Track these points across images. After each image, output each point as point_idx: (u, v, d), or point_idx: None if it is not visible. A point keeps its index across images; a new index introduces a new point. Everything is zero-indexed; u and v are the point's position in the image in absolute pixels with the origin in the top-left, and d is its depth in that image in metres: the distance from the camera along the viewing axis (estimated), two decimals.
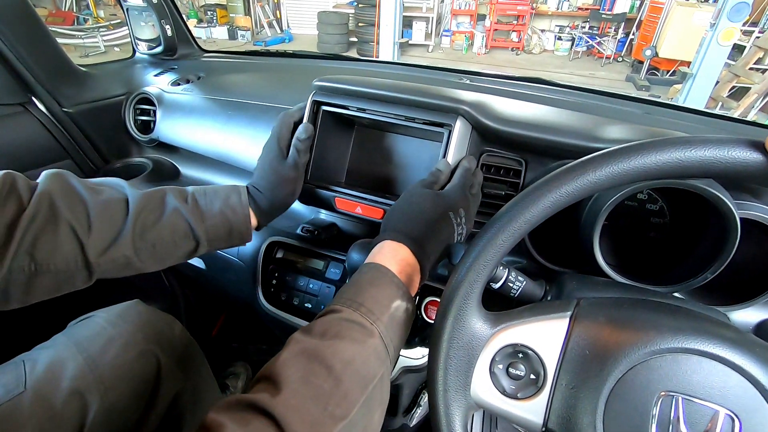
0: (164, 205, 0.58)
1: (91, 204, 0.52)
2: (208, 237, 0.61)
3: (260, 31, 8.43)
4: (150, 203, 0.57)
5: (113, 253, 0.53)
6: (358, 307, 0.43)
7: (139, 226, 0.55)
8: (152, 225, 0.56)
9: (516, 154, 0.70)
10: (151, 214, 0.57)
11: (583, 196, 0.38)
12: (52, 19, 6.63)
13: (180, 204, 0.59)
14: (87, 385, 0.61)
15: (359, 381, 0.38)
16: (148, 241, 0.56)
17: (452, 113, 0.66)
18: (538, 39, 8.18)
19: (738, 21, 3.94)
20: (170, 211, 0.58)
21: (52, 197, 0.50)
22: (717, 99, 4.87)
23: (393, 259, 0.49)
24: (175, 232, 0.58)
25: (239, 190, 0.64)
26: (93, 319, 0.71)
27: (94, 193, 0.54)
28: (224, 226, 0.61)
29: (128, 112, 1.10)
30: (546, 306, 0.44)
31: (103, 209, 0.53)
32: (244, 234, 0.64)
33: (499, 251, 0.40)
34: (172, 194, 0.60)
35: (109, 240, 0.53)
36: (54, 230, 0.49)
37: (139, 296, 0.82)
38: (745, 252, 0.54)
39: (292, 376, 0.36)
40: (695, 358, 0.36)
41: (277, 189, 0.67)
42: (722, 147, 0.33)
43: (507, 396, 0.42)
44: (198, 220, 0.59)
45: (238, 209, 0.62)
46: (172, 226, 0.58)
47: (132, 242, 0.54)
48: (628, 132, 0.65)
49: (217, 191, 0.63)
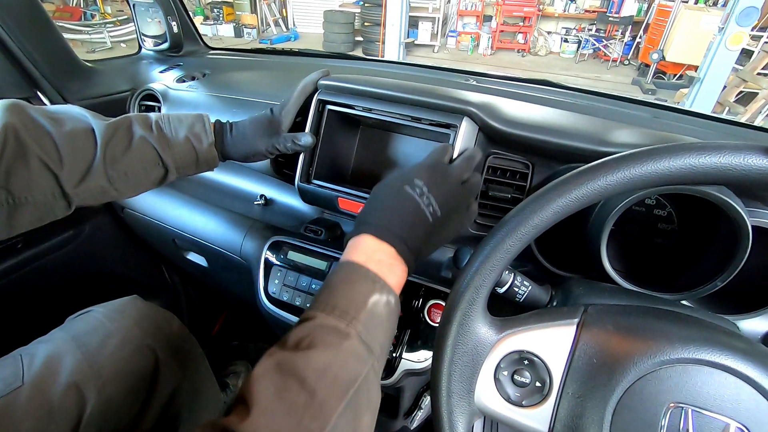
0: (131, 134, 0.60)
1: (57, 136, 0.53)
2: (176, 164, 0.62)
3: (266, 29, 8.44)
4: (117, 133, 0.58)
5: (88, 182, 0.55)
6: (332, 310, 0.40)
7: (109, 156, 0.57)
8: (122, 154, 0.58)
9: (523, 156, 0.69)
10: (119, 144, 0.58)
11: (593, 202, 0.37)
12: (59, 15, 6.66)
13: (146, 132, 0.60)
14: (84, 379, 0.61)
15: (337, 388, 0.36)
16: (119, 170, 0.58)
17: (458, 114, 0.65)
18: (545, 41, 8.15)
19: (746, 25, 3.91)
20: (137, 139, 0.59)
21: (17, 131, 0.50)
22: (724, 104, 4.84)
23: (362, 253, 0.45)
24: (144, 160, 0.60)
25: (203, 119, 0.65)
26: (91, 314, 0.71)
27: (58, 124, 0.54)
28: (190, 153, 0.63)
29: (133, 108, 1.10)
30: (552, 312, 0.43)
31: (70, 141, 0.54)
32: (211, 162, 0.66)
33: (506, 256, 0.39)
34: (137, 123, 0.61)
35: (83, 171, 0.54)
36: (25, 164, 0.50)
37: (141, 293, 0.81)
38: (754, 260, 0.52)
39: (263, 393, 0.34)
40: (706, 370, 0.35)
41: (244, 147, 0.67)
42: (738, 154, 0.32)
43: (512, 403, 0.41)
44: (165, 148, 0.61)
45: (203, 138, 0.64)
46: (140, 154, 0.59)
47: (104, 172, 0.56)
48: (638, 136, 0.64)
49: (181, 119, 0.64)
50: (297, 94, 0.70)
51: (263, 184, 0.95)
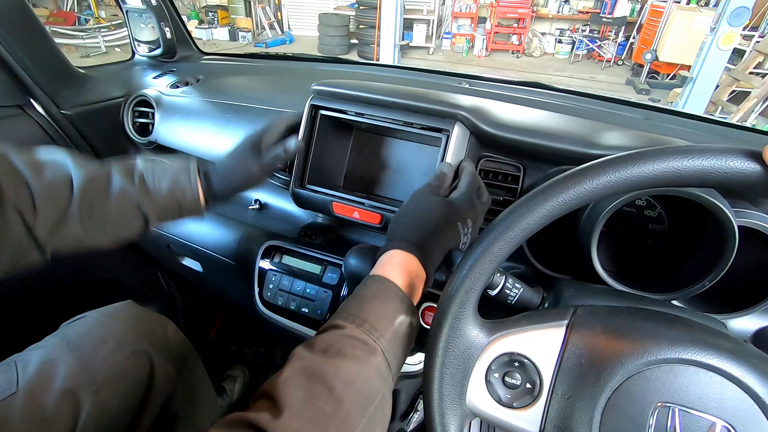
0: (110, 185, 0.58)
1: (35, 186, 0.53)
2: (158, 214, 0.61)
3: (261, 33, 8.44)
4: (95, 183, 0.57)
5: (61, 232, 0.54)
6: (361, 323, 0.42)
7: (86, 207, 0.56)
8: (99, 206, 0.57)
9: (514, 159, 0.69)
10: (97, 197, 0.57)
11: (580, 205, 0.37)
12: (53, 19, 6.64)
13: (126, 184, 0.58)
14: (79, 384, 0.61)
15: (361, 402, 0.37)
16: (96, 220, 0.56)
17: (450, 118, 0.66)
18: (539, 42, 8.19)
19: (738, 25, 3.95)
20: (116, 192, 0.58)
21: None
22: (717, 103, 4.87)
23: (402, 271, 0.48)
24: (123, 211, 0.58)
25: (188, 170, 0.63)
26: (85, 320, 0.71)
27: (38, 173, 0.54)
28: (173, 205, 0.61)
29: (127, 114, 1.10)
30: (542, 314, 0.44)
31: (47, 191, 0.53)
32: (195, 212, 0.64)
33: (495, 259, 0.40)
34: (118, 173, 0.59)
35: (56, 220, 0.54)
36: (1, 210, 0.50)
37: (137, 299, 0.81)
38: (743, 260, 0.53)
39: (294, 396, 0.35)
40: (692, 369, 0.36)
41: (235, 178, 0.65)
42: (720, 157, 0.33)
43: (503, 405, 0.41)
44: (146, 199, 0.59)
45: (187, 190, 0.62)
46: (119, 206, 0.58)
47: (80, 221, 0.55)
48: (627, 138, 0.65)
49: (166, 169, 0.62)
50: (279, 121, 0.70)
51: (257, 188, 0.95)
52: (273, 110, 0.92)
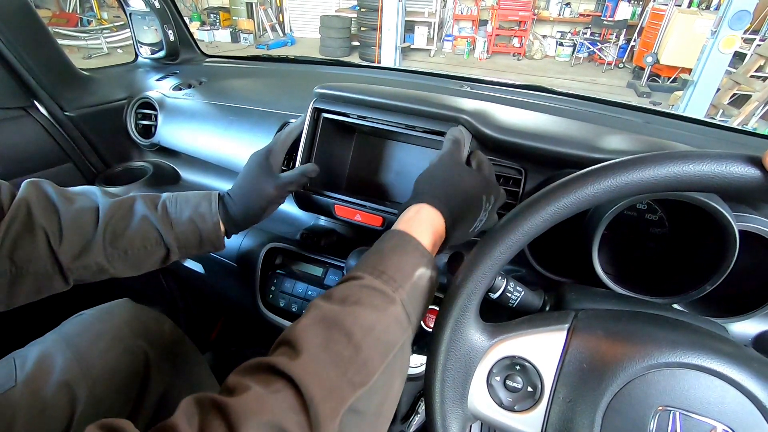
0: (133, 213, 0.60)
1: (64, 213, 0.55)
2: (179, 244, 0.62)
3: (263, 35, 8.46)
4: (119, 212, 0.59)
5: (85, 259, 0.56)
6: (379, 275, 0.41)
7: (109, 234, 0.57)
8: (122, 233, 0.58)
9: (515, 162, 0.70)
10: (120, 222, 0.59)
11: (581, 210, 0.38)
12: (55, 21, 6.66)
13: (149, 212, 0.60)
14: (75, 377, 0.62)
15: (379, 349, 0.37)
16: (119, 248, 0.58)
17: (452, 122, 0.66)
18: (540, 44, 8.20)
19: (739, 29, 3.95)
20: (139, 218, 0.60)
21: (29, 204, 0.53)
22: (718, 106, 4.88)
23: (428, 226, 0.47)
24: (146, 239, 0.60)
25: (210, 198, 0.64)
26: (82, 317, 0.73)
27: (68, 202, 0.56)
28: (194, 234, 0.62)
29: (130, 116, 1.11)
30: (544, 318, 0.44)
31: (74, 218, 0.56)
32: (215, 242, 0.64)
33: (497, 263, 0.40)
34: (142, 202, 0.61)
35: (80, 247, 0.55)
36: (31, 236, 0.52)
37: (138, 300, 0.82)
38: (744, 264, 0.53)
39: (312, 342, 0.36)
40: (693, 373, 0.36)
41: (253, 203, 0.66)
42: (720, 162, 0.33)
43: (504, 408, 0.41)
44: (167, 228, 0.61)
45: (208, 218, 0.63)
46: (142, 233, 0.59)
47: (103, 249, 0.57)
48: (628, 142, 0.65)
49: (188, 198, 0.64)
50: (284, 137, 0.71)
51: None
52: (274, 113, 0.93)
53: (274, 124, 0.89)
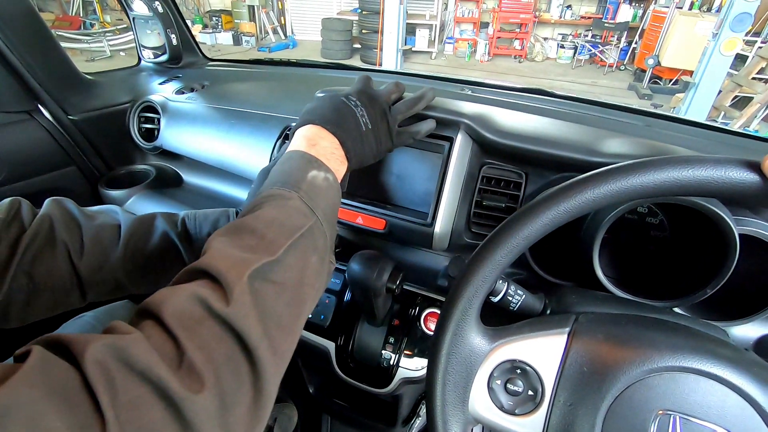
0: (153, 229, 0.61)
1: (86, 228, 0.56)
2: None
3: (265, 37, 8.49)
4: (140, 228, 0.60)
5: (103, 274, 0.57)
6: (271, 186, 0.44)
7: (130, 250, 0.58)
8: (142, 248, 0.59)
9: (516, 166, 0.70)
10: (141, 238, 0.59)
11: (581, 214, 0.38)
12: (58, 24, 6.70)
13: (169, 228, 0.61)
14: None
15: (284, 231, 0.39)
16: (138, 264, 0.59)
17: (454, 126, 0.66)
18: (541, 47, 8.22)
19: (740, 31, 3.95)
20: (159, 234, 0.61)
21: (52, 220, 0.53)
22: (719, 108, 4.87)
23: (306, 140, 0.50)
24: (165, 255, 0.61)
25: (228, 214, 0.66)
26: (83, 319, 0.74)
27: (90, 218, 0.57)
28: None
29: (133, 119, 1.11)
30: (544, 321, 0.44)
31: (96, 233, 0.56)
32: None
33: (498, 267, 0.40)
34: (162, 219, 0.62)
35: (100, 262, 0.56)
36: (51, 250, 0.52)
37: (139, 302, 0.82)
38: (745, 267, 0.53)
39: (221, 242, 0.38)
40: (693, 377, 0.36)
41: None
42: (720, 167, 0.33)
43: (505, 412, 0.42)
44: (186, 244, 0.62)
45: None
46: (161, 249, 0.60)
47: (122, 265, 0.57)
48: (629, 146, 0.65)
49: (207, 215, 0.65)
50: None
51: None
52: (276, 116, 0.93)
53: (276, 127, 0.90)
